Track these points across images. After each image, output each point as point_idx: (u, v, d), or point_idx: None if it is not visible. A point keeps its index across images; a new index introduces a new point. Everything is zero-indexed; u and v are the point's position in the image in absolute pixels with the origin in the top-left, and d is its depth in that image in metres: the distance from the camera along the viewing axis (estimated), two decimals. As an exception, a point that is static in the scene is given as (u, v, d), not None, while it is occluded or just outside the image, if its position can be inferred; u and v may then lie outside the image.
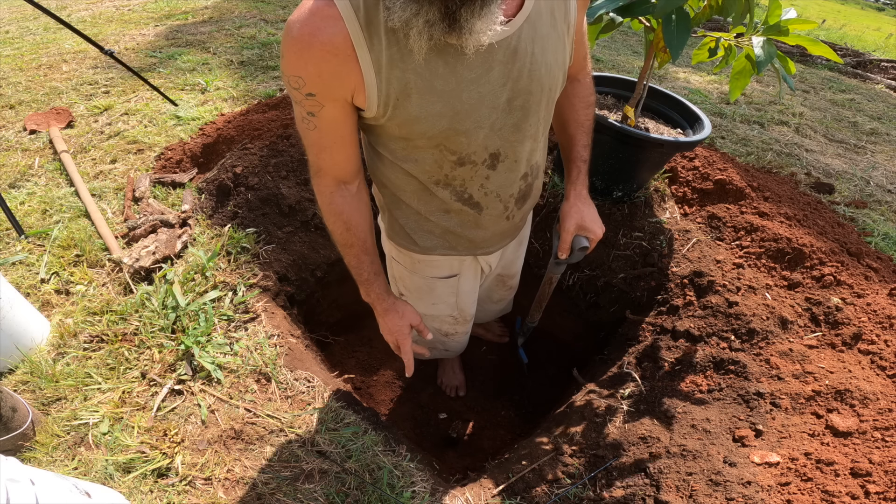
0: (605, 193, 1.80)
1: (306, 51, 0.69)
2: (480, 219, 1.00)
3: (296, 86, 0.73)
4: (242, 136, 2.02)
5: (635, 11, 1.28)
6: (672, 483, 1.08)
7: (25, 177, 1.85)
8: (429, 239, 1.06)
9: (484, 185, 0.93)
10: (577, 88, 1.04)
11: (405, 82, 0.73)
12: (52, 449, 1.09)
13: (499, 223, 1.04)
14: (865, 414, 1.11)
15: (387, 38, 0.69)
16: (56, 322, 1.34)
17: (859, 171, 2.28)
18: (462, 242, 1.07)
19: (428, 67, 0.72)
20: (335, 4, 0.67)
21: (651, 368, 1.40)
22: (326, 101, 0.75)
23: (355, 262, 0.97)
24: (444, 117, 0.78)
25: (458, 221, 1.01)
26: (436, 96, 0.75)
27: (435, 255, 1.10)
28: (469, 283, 1.26)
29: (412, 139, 0.83)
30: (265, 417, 1.20)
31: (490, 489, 1.18)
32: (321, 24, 0.67)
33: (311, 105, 0.76)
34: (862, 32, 7.63)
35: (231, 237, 1.62)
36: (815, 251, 1.51)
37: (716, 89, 3.24)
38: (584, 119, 1.06)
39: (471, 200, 0.96)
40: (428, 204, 0.97)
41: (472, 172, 0.90)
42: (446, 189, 0.93)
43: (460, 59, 0.73)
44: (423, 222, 1.02)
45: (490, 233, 1.06)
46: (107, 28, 3.33)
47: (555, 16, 0.80)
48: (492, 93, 0.78)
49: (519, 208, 1.04)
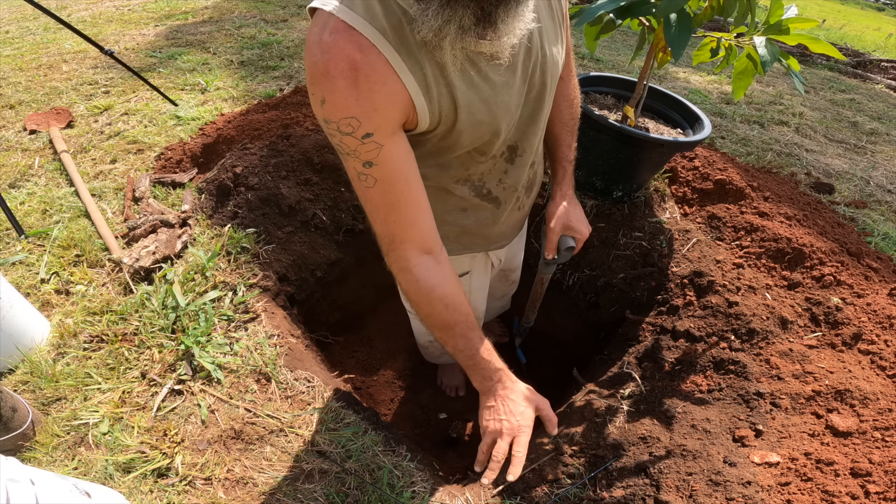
0: (605, 193, 1.80)
1: (354, 87, 0.61)
2: (498, 213, 0.99)
3: (348, 130, 0.64)
4: (242, 136, 2.02)
5: (636, 12, 1.28)
6: (672, 483, 1.08)
7: (25, 177, 1.85)
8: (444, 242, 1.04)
9: (502, 180, 0.93)
10: (560, 86, 1.02)
11: (450, 97, 0.70)
12: (52, 449, 1.09)
13: (512, 215, 1.04)
14: (865, 414, 1.11)
15: (422, 55, 0.65)
16: (56, 322, 1.34)
17: (859, 171, 2.28)
18: (477, 241, 1.06)
19: (464, 78, 0.70)
20: (361, 33, 0.60)
21: (651, 368, 1.40)
22: (385, 139, 0.67)
23: (463, 343, 0.82)
24: (485, 124, 0.76)
25: (476, 220, 0.99)
26: (477, 105, 0.73)
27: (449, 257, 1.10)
28: (480, 279, 1.26)
29: (451, 149, 0.80)
30: (265, 417, 1.20)
31: (490, 489, 1.18)
32: (357, 55, 0.61)
33: (368, 151, 0.67)
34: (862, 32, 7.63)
35: (231, 237, 1.62)
36: (815, 251, 1.51)
37: (716, 89, 3.24)
38: (569, 118, 1.04)
39: (489, 195, 0.95)
40: (445, 203, 0.95)
41: (491, 166, 0.89)
42: (465, 185, 0.91)
43: (490, 65, 0.72)
44: (440, 224, 1.00)
45: (505, 226, 1.06)
46: (107, 28, 3.33)
47: (552, 6, 0.81)
48: (517, 92, 0.78)
49: (528, 197, 1.05)
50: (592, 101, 1.78)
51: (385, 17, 0.62)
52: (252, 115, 2.15)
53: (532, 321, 1.57)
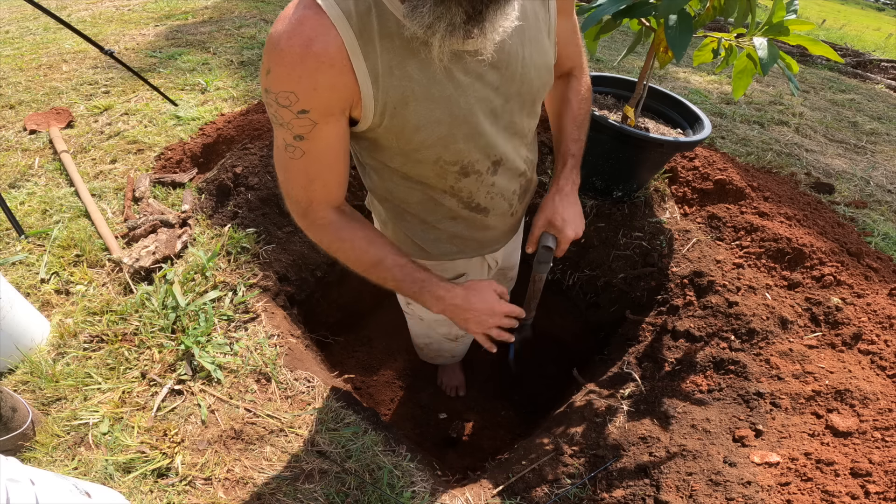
0: (605, 193, 1.80)
1: (299, 64, 0.63)
2: (487, 220, 0.99)
3: (286, 103, 0.67)
4: (242, 136, 2.02)
5: (636, 13, 1.28)
6: (672, 483, 1.08)
7: (25, 177, 1.85)
8: (437, 245, 1.04)
9: (490, 192, 0.92)
10: (571, 83, 1.01)
11: (402, 90, 0.70)
12: (52, 449, 1.09)
13: (504, 221, 1.03)
14: (865, 414, 1.11)
15: (381, 45, 0.66)
16: (56, 322, 1.34)
17: (859, 171, 2.28)
18: (470, 245, 1.06)
19: (425, 74, 0.70)
20: (325, 13, 0.63)
21: (651, 368, 1.40)
22: (321, 118, 0.69)
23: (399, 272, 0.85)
24: (443, 124, 0.75)
25: (466, 226, 0.99)
26: (434, 103, 0.72)
27: (443, 260, 1.08)
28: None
29: (410, 152, 0.79)
30: (265, 417, 1.20)
31: (490, 489, 1.18)
32: (313, 33, 0.62)
33: (301, 126, 0.69)
34: (862, 32, 7.63)
35: (231, 237, 1.62)
36: (815, 251, 1.51)
37: (716, 89, 3.24)
38: (578, 112, 1.00)
39: (479, 207, 0.94)
40: (434, 213, 0.95)
41: (477, 183, 0.88)
42: (453, 198, 0.91)
43: (457, 65, 0.71)
44: (430, 230, 1.00)
45: (498, 232, 1.06)
46: (107, 28, 3.33)
47: (538, 16, 0.80)
48: (486, 98, 0.77)
49: (521, 203, 1.04)
50: (593, 101, 1.78)
51: (354, 2, 0.64)
52: (252, 115, 2.15)
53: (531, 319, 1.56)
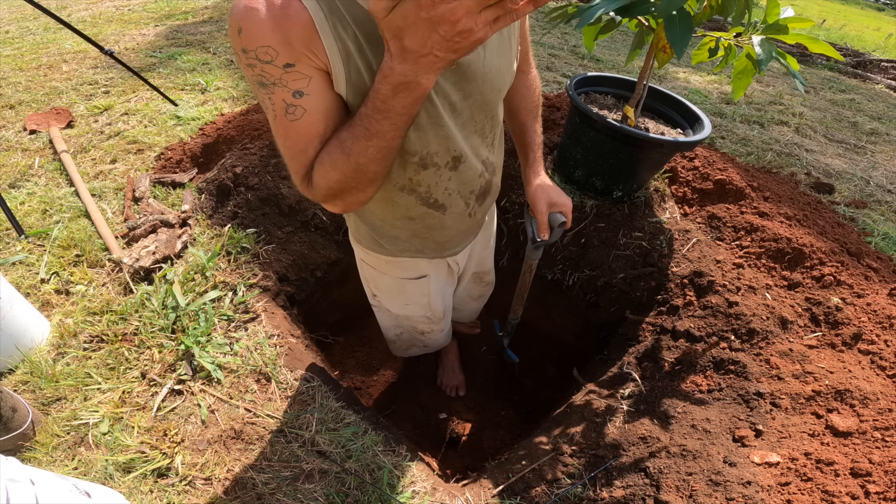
0: (605, 193, 1.80)
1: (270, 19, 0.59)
2: (445, 219, 1.00)
3: (267, 58, 0.61)
4: (242, 136, 2.02)
5: (635, 11, 1.28)
6: (672, 483, 1.08)
7: (25, 177, 1.85)
8: (395, 243, 1.06)
9: (448, 188, 0.94)
10: (522, 79, 1.06)
11: (370, 73, 0.68)
12: (52, 449, 1.09)
13: (462, 221, 1.04)
14: (865, 414, 1.11)
15: (349, 28, 0.64)
16: (56, 322, 1.34)
17: (859, 171, 2.28)
18: (428, 245, 1.08)
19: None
20: None
21: (651, 368, 1.40)
22: (312, 72, 0.63)
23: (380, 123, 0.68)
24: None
25: (424, 226, 1.01)
26: None
27: (403, 257, 1.12)
28: (439, 282, 1.28)
29: None
30: (265, 417, 1.20)
31: (490, 489, 1.18)
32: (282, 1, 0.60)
33: (296, 80, 0.63)
34: (862, 32, 7.63)
35: (231, 237, 1.62)
36: (815, 251, 1.51)
37: (716, 89, 3.24)
38: (531, 105, 1.09)
39: (436, 203, 0.95)
40: (392, 211, 0.97)
41: (436, 177, 0.89)
42: (411, 195, 0.91)
43: None
44: (389, 227, 1.02)
45: (455, 231, 1.07)
46: (107, 28, 3.33)
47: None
48: (445, 92, 0.77)
49: (480, 205, 1.05)
50: (592, 101, 1.78)
51: None
52: (252, 115, 2.15)
53: (519, 315, 1.56)
